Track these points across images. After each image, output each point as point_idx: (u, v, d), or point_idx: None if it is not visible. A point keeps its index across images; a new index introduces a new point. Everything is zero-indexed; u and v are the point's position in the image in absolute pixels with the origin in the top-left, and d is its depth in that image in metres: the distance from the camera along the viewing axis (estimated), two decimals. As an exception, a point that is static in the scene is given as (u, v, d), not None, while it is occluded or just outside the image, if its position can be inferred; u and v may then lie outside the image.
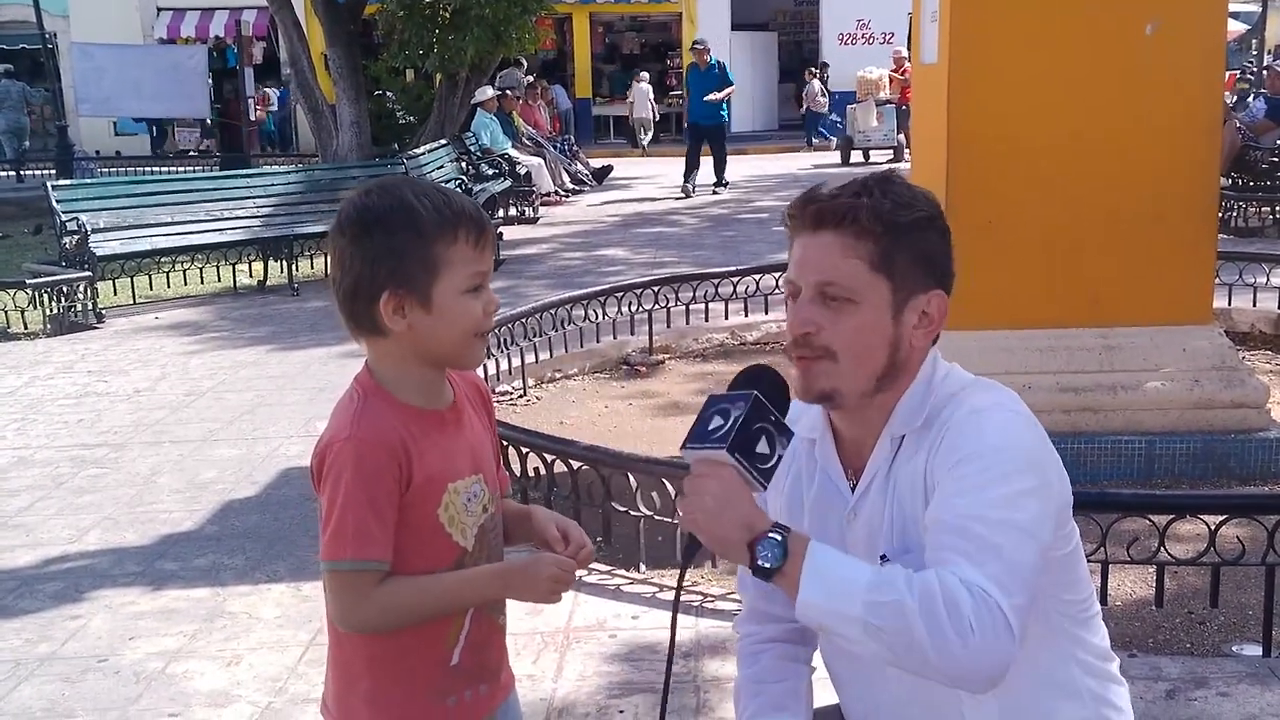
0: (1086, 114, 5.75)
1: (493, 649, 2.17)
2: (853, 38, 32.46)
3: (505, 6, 16.62)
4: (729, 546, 1.83)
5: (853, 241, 1.97)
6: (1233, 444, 5.71)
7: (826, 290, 1.98)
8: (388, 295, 1.96)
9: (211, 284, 12.21)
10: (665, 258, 12.94)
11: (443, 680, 2.08)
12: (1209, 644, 4.21)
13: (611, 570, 4.82)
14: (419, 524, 2.00)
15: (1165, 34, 5.68)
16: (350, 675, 2.08)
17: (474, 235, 1.98)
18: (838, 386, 2.00)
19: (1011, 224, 5.83)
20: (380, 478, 1.95)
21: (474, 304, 2.00)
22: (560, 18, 30.30)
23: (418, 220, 1.96)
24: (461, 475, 2.06)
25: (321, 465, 1.99)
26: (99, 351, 9.45)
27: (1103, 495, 4.47)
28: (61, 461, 6.63)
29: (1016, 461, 1.89)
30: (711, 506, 1.82)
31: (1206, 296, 6.03)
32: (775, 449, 1.87)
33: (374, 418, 1.99)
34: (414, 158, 14.68)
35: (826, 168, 22.87)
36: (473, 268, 1.99)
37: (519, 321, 7.73)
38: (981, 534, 1.81)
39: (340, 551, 1.94)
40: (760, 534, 1.81)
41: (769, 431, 1.86)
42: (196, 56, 23.91)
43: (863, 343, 1.98)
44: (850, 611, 1.75)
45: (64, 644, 4.41)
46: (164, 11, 31.68)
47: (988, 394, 2.02)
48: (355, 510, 1.93)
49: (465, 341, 2.01)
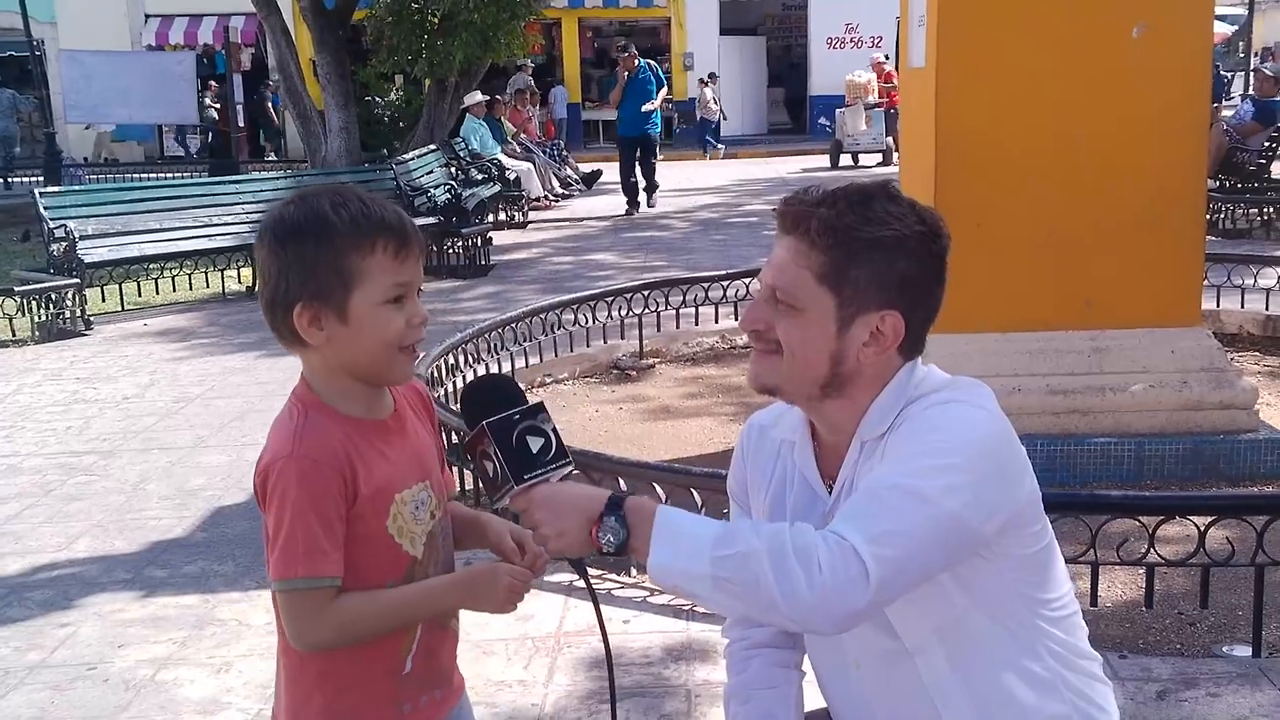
0: (1074, 117, 5.76)
1: (444, 654, 2.16)
2: (841, 41, 32.52)
3: (494, 12, 16.63)
4: (584, 546, 1.85)
5: (805, 250, 1.97)
6: (1221, 445, 5.72)
7: (775, 294, 2.00)
8: (301, 307, 1.94)
9: (200, 290, 12.18)
10: (655, 262, 12.95)
11: (396, 689, 2.06)
12: (1199, 645, 4.21)
13: (602, 575, 4.81)
14: (368, 536, 1.98)
15: (1152, 36, 5.70)
16: (303, 691, 2.06)
17: (393, 245, 1.94)
18: (780, 384, 2.02)
19: (1000, 226, 5.84)
20: (327, 494, 1.92)
21: (394, 316, 1.95)
22: (549, 23, 30.34)
23: (330, 230, 1.92)
24: (408, 484, 2.04)
25: (265, 484, 1.95)
26: (87, 358, 9.43)
27: (1092, 497, 4.49)
28: (50, 469, 6.61)
29: (953, 443, 1.88)
30: (552, 523, 1.85)
31: (1195, 298, 6.04)
32: (543, 430, 1.89)
33: (315, 433, 1.96)
34: (403, 163, 14.66)
35: (816, 171, 22.91)
36: (391, 278, 1.94)
37: (508, 326, 7.72)
38: (879, 496, 1.82)
39: (292, 570, 1.92)
40: (598, 517, 1.83)
41: (527, 428, 1.88)
42: (185, 63, 23.90)
43: (804, 349, 1.98)
44: (699, 569, 1.77)
45: (53, 651, 4.40)
46: (152, 18, 31.66)
47: (955, 391, 2.01)
48: (304, 527, 1.91)
49: (387, 355, 1.97)
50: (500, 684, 3.98)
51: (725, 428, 6.81)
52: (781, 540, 1.74)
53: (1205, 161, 6.17)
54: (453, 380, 6.96)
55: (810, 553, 1.73)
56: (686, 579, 1.78)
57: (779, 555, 1.73)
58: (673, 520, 1.81)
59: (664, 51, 33.13)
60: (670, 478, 4.81)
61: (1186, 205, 5.87)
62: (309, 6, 16.34)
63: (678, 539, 1.78)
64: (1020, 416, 5.74)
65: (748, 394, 7.13)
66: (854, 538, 1.75)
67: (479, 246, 12.98)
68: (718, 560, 1.75)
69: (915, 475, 1.83)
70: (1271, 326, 8.34)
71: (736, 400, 7.42)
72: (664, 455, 6.25)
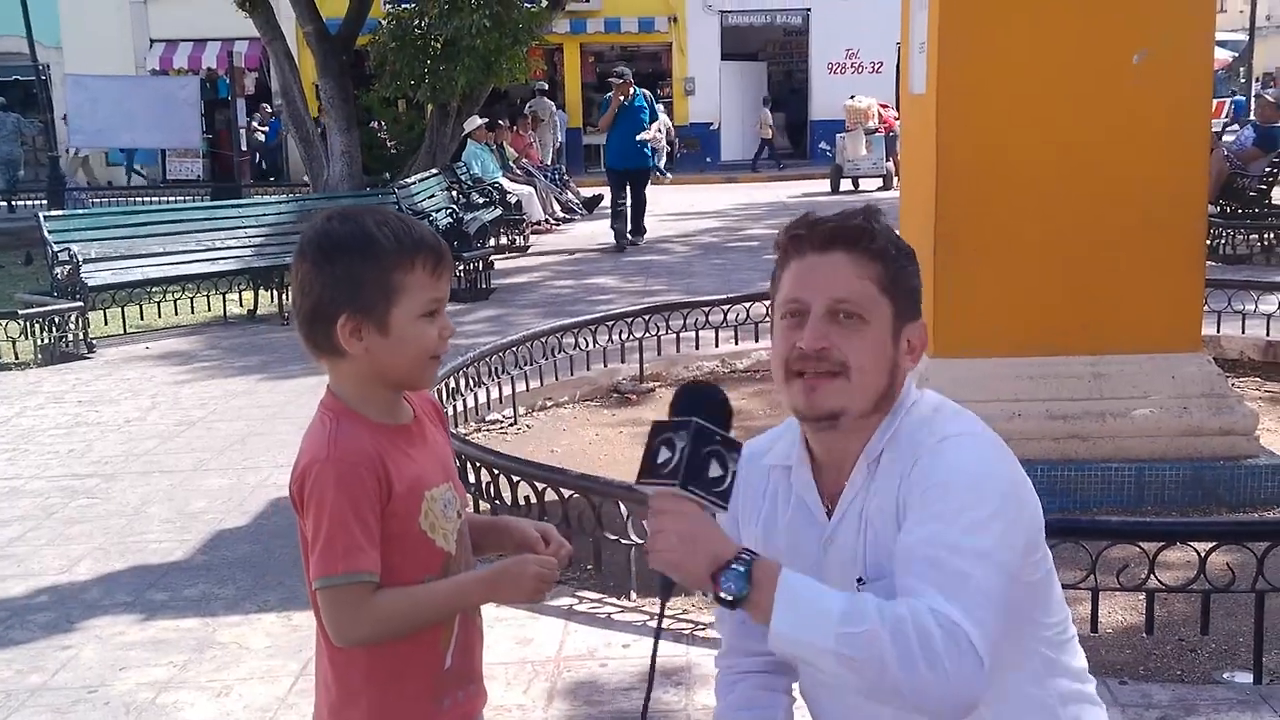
0: (1074, 143, 5.78)
1: (476, 651, 2.24)
2: (842, 67, 32.61)
3: (496, 37, 16.68)
4: (698, 581, 1.85)
5: (865, 262, 2.03)
6: (1222, 471, 5.72)
7: (840, 308, 2.01)
8: (345, 318, 2.05)
9: (202, 313, 12.21)
10: (655, 286, 12.98)
11: (436, 685, 2.14)
12: (1200, 671, 4.21)
13: (602, 599, 4.82)
14: (404, 534, 2.07)
15: (1153, 63, 5.72)
16: (350, 690, 2.12)
17: (430, 263, 2.06)
18: (845, 406, 2.02)
19: (1001, 252, 5.86)
20: (362, 493, 2.01)
21: (429, 329, 2.07)
22: (551, 48, 30.43)
23: (376, 248, 2.03)
24: (435, 483, 2.13)
25: (302, 490, 2.05)
26: (90, 381, 9.45)
27: (1092, 523, 4.50)
28: (52, 492, 6.61)
29: (984, 489, 1.92)
30: (677, 544, 1.84)
31: (1195, 324, 6.05)
32: (728, 467, 1.88)
33: (348, 437, 2.06)
34: (405, 187, 14.71)
35: (816, 196, 22.94)
36: (429, 294, 2.06)
37: (509, 350, 7.74)
38: (951, 563, 1.83)
39: (332, 567, 2.00)
40: (724, 564, 1.82)
41: (718, 453, 1.87)
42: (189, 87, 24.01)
43: (872, 361, 2.02)
44: (823, 643, 1.77)
45: (54, 674, 4.40)
46: (157, 43, 31.82)
47: (957, 421, 2.05)
48: (342, 526, 1.99)
49: (420, 364, 2.09)
50: (499, 708, 3.97)
51: (726, 452, 6.79)
52: (903, 623, 1.76)
53: (1205, 188, 6.19)
54: (453, 405, 6.97)
55: (930, 638, 1.75)
56: (809, 650, 1.80)
57: (901, 638, 1.75)
58: (797, 588, 1.82)
59: (665, 77, 33.30)
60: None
61: (1187, 231, 5.88)
62: (313, 31, 16.41)
63: (801, 609, 1.79)
64: (1020, 441, 5.73)
65: (748, 417, 7.14)
66: (957, 615, 1.78)
67: (480, 270, 13.00)
68: (842, 638, 1.76)
69: (970, 532, 1.86)
70: (1272, 352, 8.34)
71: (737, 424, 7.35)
72: (665, 479, 6.24)
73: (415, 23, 17.42)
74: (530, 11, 17.74)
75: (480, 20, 16.27)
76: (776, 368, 2.10)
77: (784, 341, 2.07)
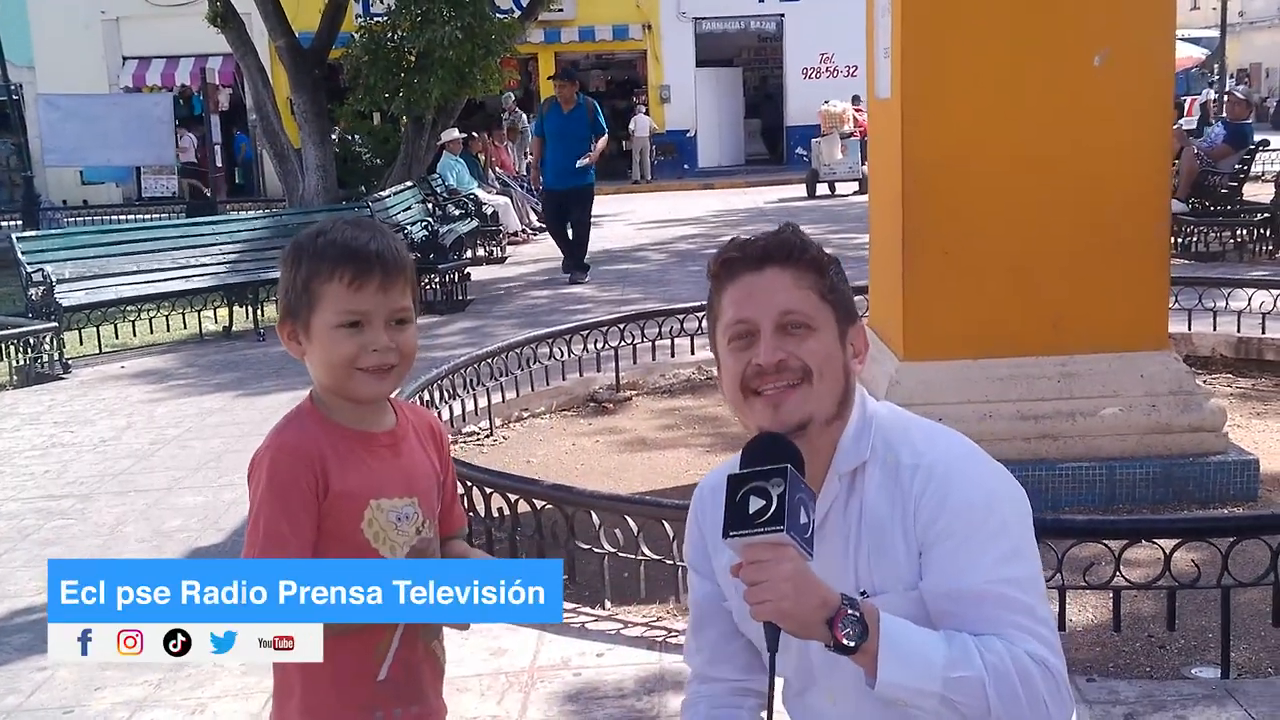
0: (1037, 144, 5.81)
1: (424, 675, 2.27)
2: (816, 71, 32.71)
3: (469, 49, 16.68)
4: (811, 628, 1.87)
5: (802, 272, 2.08)
6: (1191, 468, 5.76)
7: (788, 319, 2.05)
8: (280, 322, 2.20)
9: (178, 331, 12.17)
10: (632, 294, 13.00)
11: (370, 695, 2.18)
12: (1169, 667, 4.24)
13: (576, 608, 4.83)
14: (342, 535, 2.12)
15: (1114, 64, 5.76)
16: (287, 683, 2.21)
17: (349, 275, 2.10)
18: (812, 412, 2.05)
19: (968, 254, 5.89)
20: (294, 484, 2.08)
21: (347, 340, 2.12)
22: (525, 58, 30.45)
23: (303, 257, 2.13)
24: (388, 494, 2.17)
25: (250, 472, 2.15)
26: (65, 402, 9.42)
27: (1057, 521, 4.52)
28: (27, 514, 6.60)
29: (1006, 512, 2.03)
30: (789, 591, 1.84)
31: (1162, 322, 6.09)
32: (810, 516, 1.90)
33: (295, 430, 2.15)
34: (379, 200, 14.70)
35: (792, 201, 23.03)
36: (345, 305, 2.11)
37: (484, 361, 7.75)
38: (1016, 599, 1.94)
39: (250, 551, 2.08)
40: (838, 611, 1.86)
41: (805, 501, 1.89)
42: (162, 104, 23.97)
43: (829, 364, 2.07)
44: (929, 688, 1.86)
45: (30, 695, 4.40)
46: (129, 60, 31.73)
47: (948, 436, 2.12)
48: (267, 514, 2.07)
49: (341, 373, 2.14)
50: (474, 720, 3.99)
51: (701, 459, 6.83)
52: (1004, 667, 1.87)
53: (1167, 187, 6.22)
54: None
55: (1031, 679, 1.88)
56: (917, 695, 1.88)
57: (1005, 683, 1.87)
58: (899, 635, 1.88)
59: (641, 84, 33.34)
60: (643, 510, 4.82)
61: (1151, 230, 5.92)
62: (285, 46, 16.41)
63: (908, 657, 1.87)
64: (992, 442, 5.72)
65: (724, 424, 7.17)
66: (1044, 652, 1.91)
67: (456, 282, 13.02)
68: (950, 683, 1.86)
69: (1012, 560, 1.98)
70: (1244, 349, 8.40)
71: (713, 431, 7.44)
72: (639, 487, 6.27)
73: (388, 35, 17.43)
74: (503, 22, 17.76)
75: (453, 32, 16.27)
76: (731, 391, 2.11)
77: (736, 363, 2.09)
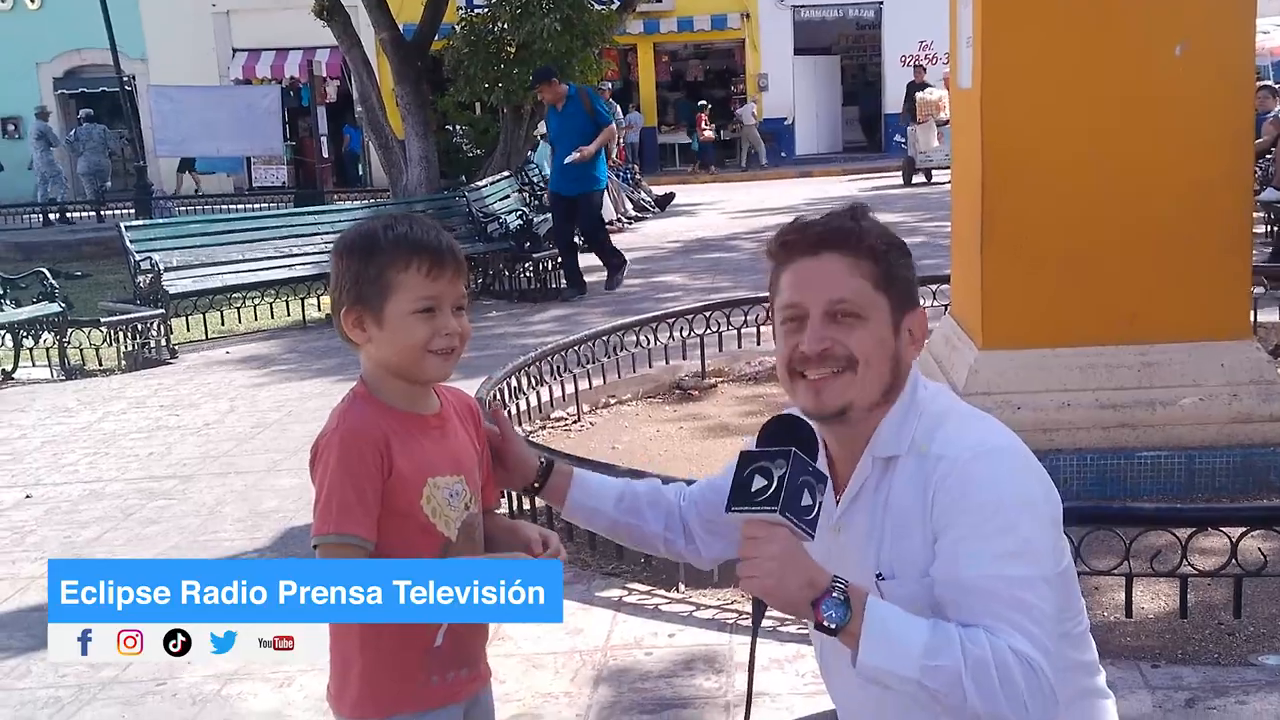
0: (1116, 133, 5.79)
1: (474, 639, 2.40)
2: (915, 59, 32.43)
3: (567, 40, 16.88)
4: (795, 606, 1.94)
5: (856, 262, 2.12)
6: (1272, 457, 5.71)
7: (838, 308, 2.10)
8: (346, 310, 2.27)
9: (281, 318, 12.51)
10: (722, 283, 13.08)
11: (428, 660, 2.29)
12: (1237, 654, 4.24)
13: (651, 590, 4.94)
14: (405, 512, 2.24)
15: (1193, 52, 5.72)
16: (346, 657, 2.30)
17: (425, 265, 2.23)
18: (853, 399, 2.11)
19: (1048, 243, 5.89)
20: (362, 464, 2.20)
21: (422, 325, 2.24)
22: (624, 49, 30.63)
23: (374, 248, 2.24)
24: (441, 472, 2.29)
25: (314, 458, 2.25)
26: (171, 386, 9.75)
27: (1124, 509, 4.56)
28: (131, 494, 6.88)
29: (1018, 508, 2.01)
30: (775, 569, 1.92)
31: (1243, 311, 6.04)
32: (815, 498, 1.96)
33: (358, 415, 2.26)
34: (476, 190, 14.92)
35: (888, 189, 22.89)
36: (422, 292, 2.23)
37: (573, 349, 7.89)
38: (1011, 595, 1.94)
39: (324, 527, 2.18)
40: (823, 592, 1.91)
41: (809, 484, 1.96)
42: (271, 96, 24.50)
43: (877, 355, 2.11)
44: (907, 673, 1.89)
45: (125, 668, 4.59)
46: (239, 53, 32.41)
47: (979, 430, 2.12)
48: (339, 491, 2.18)
49: (414, 356, 2.25)
50: (547, 695, 4.13)
51: (782, 445, 6.88)
52: (984, 659, 1.87)
53: (1249, 175, 6.18)
54: (516, 403, 7.13)
55: (1010, 674, 1.87)
56: (894, 680, 1.91)
57: (983, 675, 1.87)
58: (883, 619, 1.92)
59: (739, 73, 33.38)
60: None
61: (1231, 218, 5.87)
62: (389, 39, 16.66)
63: (888, 640, 1.90)
64: (1071, 431, 5.81)
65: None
66: (1028, 648, 1.89)
67: (550, 270, 13.17)
68: (926, 670, 1.88)
69: (1016, 556, 1.97)
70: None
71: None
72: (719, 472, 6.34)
73: (488, 27, 17.68)
74: (601, 14, 17.91)
75: (551, 24, 16.50)
76: (781, 370, 2.20)
77: (786, 345, 2.17)
